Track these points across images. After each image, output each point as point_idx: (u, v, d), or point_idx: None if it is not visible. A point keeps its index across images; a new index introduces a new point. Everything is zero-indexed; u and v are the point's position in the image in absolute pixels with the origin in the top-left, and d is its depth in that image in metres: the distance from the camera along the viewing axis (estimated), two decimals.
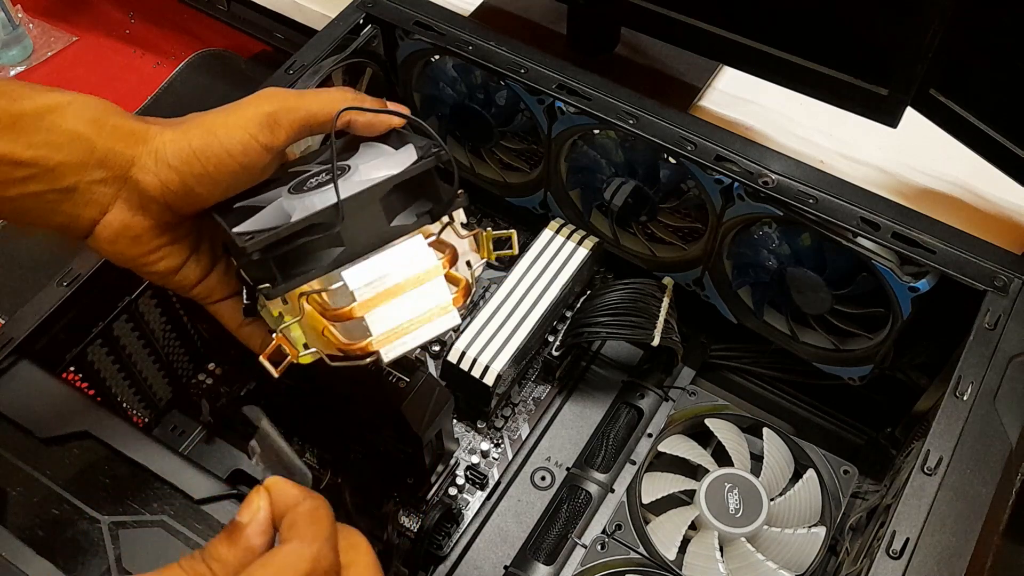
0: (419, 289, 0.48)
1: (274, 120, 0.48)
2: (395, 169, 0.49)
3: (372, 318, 0.47)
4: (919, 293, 0.60)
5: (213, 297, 0.53)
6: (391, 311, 0.47)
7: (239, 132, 0.47)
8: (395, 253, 0.48)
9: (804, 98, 0.72)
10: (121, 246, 0.48)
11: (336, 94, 0.51)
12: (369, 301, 0.47)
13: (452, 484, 0.69)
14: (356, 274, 0.47)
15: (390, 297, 0.47)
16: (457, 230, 0.51)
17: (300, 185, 0.49)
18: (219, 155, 0.46)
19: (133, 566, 0.50)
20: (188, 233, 0.51)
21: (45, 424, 0.55)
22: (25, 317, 0.59)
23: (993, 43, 0.64)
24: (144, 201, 0.47)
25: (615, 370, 0.77)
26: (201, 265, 0.52)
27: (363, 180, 0.48)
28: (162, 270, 0.50)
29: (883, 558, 0.49)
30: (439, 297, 0.48)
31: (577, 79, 0.69)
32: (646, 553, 0.63)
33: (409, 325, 0.48)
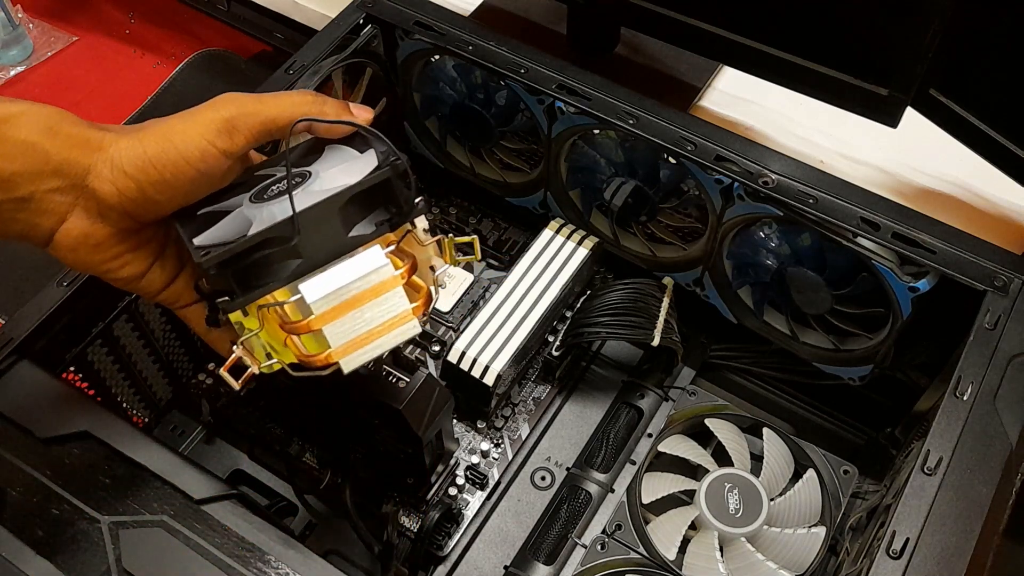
0: (378, 300, 0.47)
1: (232, 126, 0.47)
2: (354, 178, 0.48)
3: (330, 330, 0.47)
4: (919, 293, 0.60)
5: (181, 302, 0.53)
6: (350, 322, 0.47)
7: (196, 138, 0.46)
8: (353, 264, 0.47)
9: (804, 98, 0.72)
10: (82, 254, 0.48)
11: (296, 98, 0.50)
12: (327, 313, 0.46)
13: (452, 484, 0.70)
14: (313, 287, 0.47)
15: (349, 308, 0.47)
16: (419, 237, 0.51)
17: (262, 192, 0.48)
18: (176, 162, 0.46)
19: (133, 566, 0.50)
20: (151, 239, 0.50)
21: (45, 424, 0.55)
22: (25, 317, 0.59)
23: (993, 43, 0.64)
24: (102, 209, 0.47)
25: (615, 370, 0.77)
26: (166, 270, 0.51)
27: (322, 190, 0.48)
28: (126, 276, 0.50)
29: (883, 558, 0.49)
30: (399, 307, 0.48)
31: (577, 79, 0.69)
32: (646, 553, 0.63)
33: (369, 335, 0.47)
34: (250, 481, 0.71)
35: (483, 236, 0.84)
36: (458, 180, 0.84)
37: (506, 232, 0.85)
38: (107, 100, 1.12)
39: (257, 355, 0.49)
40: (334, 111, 0.51)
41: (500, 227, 0.85)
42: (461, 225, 0.85)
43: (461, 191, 0.86)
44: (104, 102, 1.12)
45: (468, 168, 0.82)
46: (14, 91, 1.13)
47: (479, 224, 0.85)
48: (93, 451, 0.54)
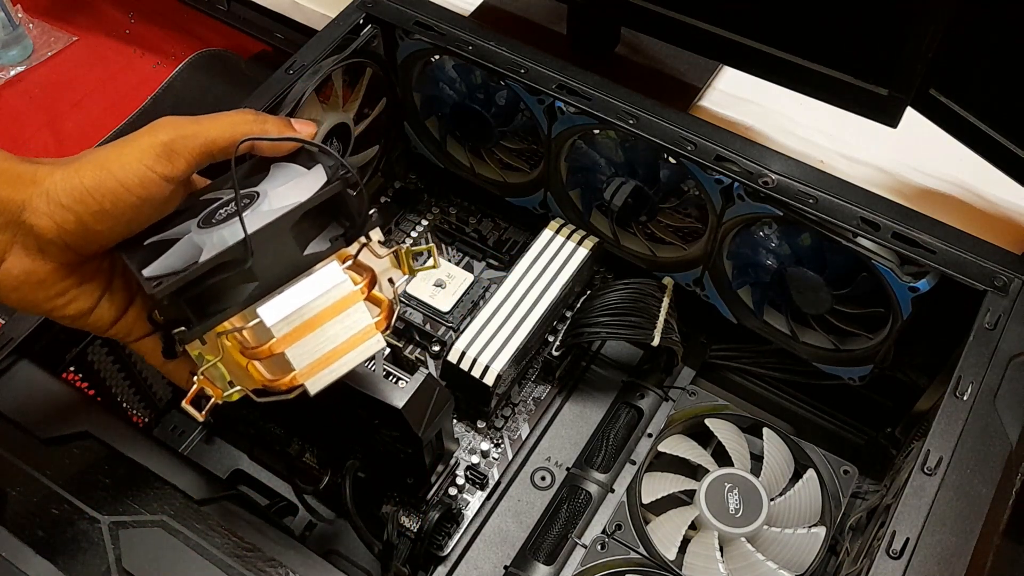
0: (339, 317, 0.46)
1: (171, 150, 0.46)
2: (304, 195, 0.47)
3: (293, 353, 0.46)
4: (919, 293, 0.60)
5: (133, 335, 0.51)
6: (312, 343, 0.46)
7: (135, 164, 0.45)
8: (311, 283, 0.46)
9: (804, 98, 0.72)
10: (25, 292, 0.46)
11: (236, 117, 0.49)
12: (289, 335, 0.45)
13: (452, 484, 0.70)
14: (272, 309, 0.45)
15: (310, 329, 0.46)
16: (374, 250, 0.50)
17: (209, 217, 0.47)
18: (114, 190, 0.45)
19: (133, 566, 0.50)
20: (96, 272, 0.49)
21: (45, 424, 0.55)
22: (25, 317, 0.59)
23: (993, 43, 0.64)
24: (42, 244, 0.45)
25: (615, 370, 0.77)
26: (115, 304, 0.50)
27: (272, 209, 0.46)
28: (73, 313, 0.48)
29: (883, 558, 0.49)
30: (361, 323, 0.47)
31: (577, 79, 0.69)
32: (646, 553, 0.63)
33: (333, 354, 0.46)
34: (250, 481, 0.71)
35: (483, 236, 0.84)
36: (458, 180, 0.84)
37: (506, 232, 0.85)
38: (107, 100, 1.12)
39: (219, 384, 0.48)
40: (276, 129, 0.50)
41: (500, 227, 0.85)
42: (461, 225, 0.85)
43: (461, 191, 0.86)
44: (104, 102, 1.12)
45: (468, 168, 0.82)
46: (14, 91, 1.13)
47: (479, 224, 0.85)
48: (93, 451, 0.54)
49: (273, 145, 0.50)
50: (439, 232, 0.84)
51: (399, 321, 0.77)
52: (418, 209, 0.86)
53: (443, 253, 0.83)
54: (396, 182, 0.87)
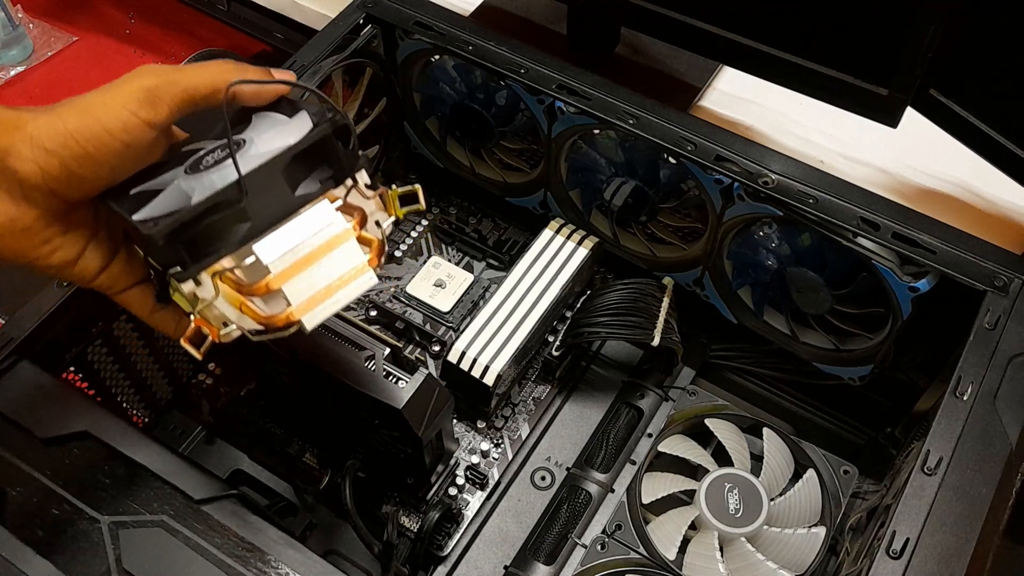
0: (332, 254, 0.48)
1: (154, 95, 0.46)
2: (292, 138, 0.48)
3: (290, 288, 0.47)
4: (919, 293, 0.60)
5: (118, 286, 0.51)
6: (307, 279, 0.47)
7: (118, 109, 0.45)
8: (304, 221, 0.48)
9: (804, 98, 0.72)
10: (10, 240, 0.46)
11: (218, 66, 0.49)
12: (284, 272, 0.46)
13: (452, 484, 0.70)
14: (268, 247, 0.47)
15: (305, 266, 0.47)
16: (362, 191, 0.51)
17: (196, 164, 0.48)
18: (98, 134, 0.45)
19: (133, 566, 0.50)
20: (82, 221, 0.49)
21: (45, 424, 0.55)
22: (25, 317, 0.59)
23: (993, 43, 0.64)
24: (26, 190, 0.45)
25: (615, 370, 0.77)
26: (100, 254, 0.50)
27: (261, 153, 0.47)
28: (58, 263, 0.48)
29: (883, 558, 0.49)
30: (354, 260, 0.48)
31: (577, 79, 0.69)
32: (646, 553, 0.63)
33: (327, 291, 0.47)
34: (250, 481, 0.71)
35: (483, 236, 0.84)
36: (458, 180, 0.84)
37: (506, 232, 0.85)
38: None
39: (214, 324, 0.49)
40: (257, 77, 0.50)
41: (500, 227, 0.85)
42: (461, 225, 0.85)
43: (461, 191, 0.86)
44: None
45: (468, 168, 0.82)
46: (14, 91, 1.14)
47: (479, 224, 0.85)
48: (93, 451, 0.54)
49: (256, 93, 0.50)
50: (439, 232, 0.84)
51: (399, 321, 0.77)
52: None
53: (443, 253, 0.83)
54: (396, 182, 0.87)
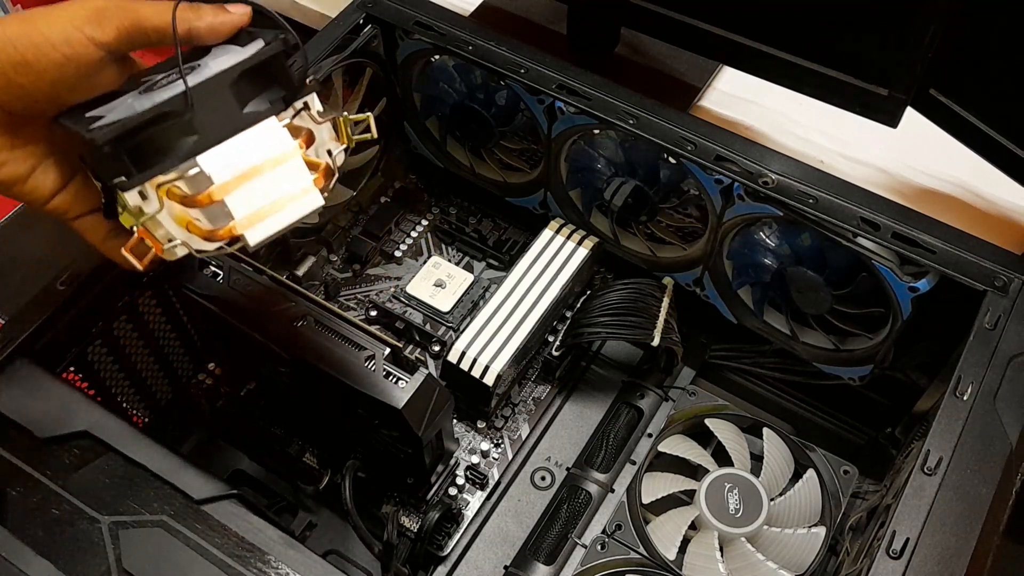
0: (277, 170, 0.48)
1: (102, 15, 0.46)
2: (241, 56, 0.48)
3: (232, 200, 0.47)
4: (919, 293, 0.60)
5: (72, 212, 0.51)
6: (251, 193, 0.47)
7: (62, 23, 0.45)
8: (250, 136, 0.48)
9: (804, 98, 0.72)
10: None
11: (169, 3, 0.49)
12: (228, 184, 0.47)
13: (452, 484, 0.70)
14: (211, 158, 0.47)
15: (248, 179, 0.47)
16: (314, 117, 0.51)
17: (150, 87, 0.48)
18: (38, 43, 0.45)
19: (133, 566, 0.50)
20: (33, 138, 0.49)
21: (45, 424, 0.55)
22: (25, 317, 0.59)
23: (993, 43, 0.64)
24: None
25: (615, 370, 0.77)
26: (53, 176, 0.50)
27: (211, 70, 0.48)
28: (6, 179, 0.48)
29: (883, 558, 0.49)
30: (300, 179, 0.49)
31: (577, 79, 0.69)
32: (646, 553, 0.63)
33: (272, 207, 0.48)
34: (250, 481, 0.71)
35: (483, 236, 0.84)
36: (458, 180, 0.84)
37: (506, 232, 0.85)
38: None
39: (160, 238, 0.49)
40: (211, 11, 0.50)
41: (500, 227, 0.85)
42: (461, 225, 0.85)
43: (461, 191, 0.86)
44: None
45: (468, 168, 0.82)
46: None
47: (479, 224, 0.85)
48: (93, 451, 0.54)
49: (210, 25, 0.49)
50: (439, 232, 0.84)
51: (399, 321, 0.77)
52: (418, 209, 0.86)
53: (443, 253, 0.83)
54: (396, 182, 0.87)
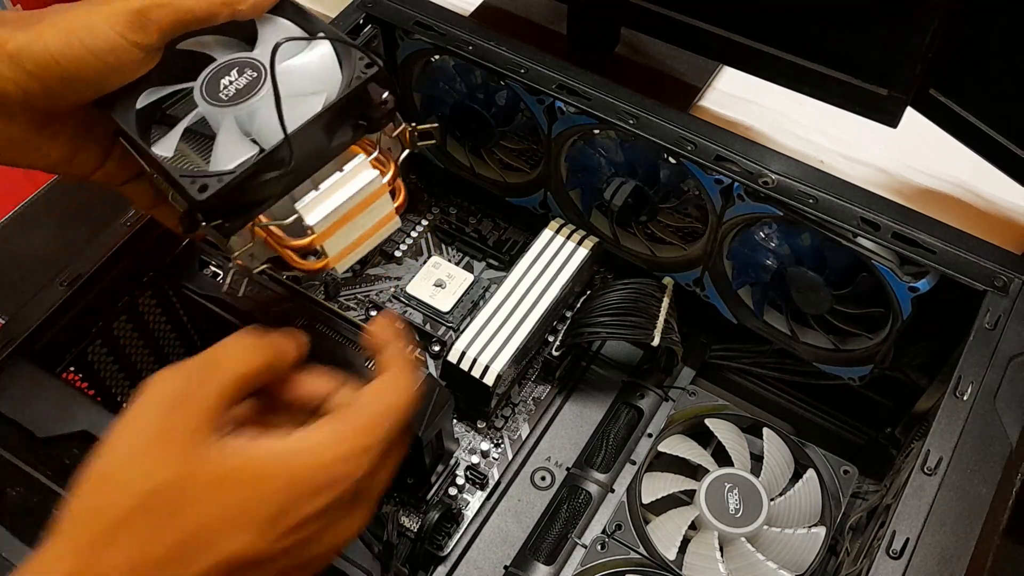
0: (369, 208, 0.49)
1: (144, 17, 0.44)
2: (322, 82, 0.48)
3: (329, 244, 0.48)
4: (919, 293, 0.60)
5: (116, 181, 0.51)
6: (345, 233, 0.49)
7: (104, 30, 0.43)
8: (346, 181, 0.48)
9: (804, 98, 0.72)
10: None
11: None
12: (326, 232, 0.48)
13: (452, 484, 0.70)
14: (314, 209, 0.47)
15: (345, 222, 0.48)
16: (388, 131, 0.52)
17: (214, 87, 0.46)
18: (82, 57, 0.43)
19: None
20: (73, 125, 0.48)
21: (45, 424, 0.55)
22: (25, 317, 0.59)
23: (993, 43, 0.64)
24: (9, 108, 0.44)
25: (615, 370, 0.77)
26: (93, 154, 0.49)
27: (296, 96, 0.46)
28: (50, 164, 0.48)
29: (883, 558, 0.49)
30: (385, 209, 0.50)
31: (577, 79, 0.69)
32: (646, 553, 0.63)
33: (361, 239, 0.50)
34: None
35: (483, 236, 0.84)
36: (458, 180, 0.84)
37: (506, 232, 0.85)
38: None
39: (246, 261, 0.50)
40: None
41: (500, 227, 0.85)
42: (461, 225, 0.85)
43: (461, 191, 0.86)
44: None
45: (468, 168, 0.82)
46: None
47: (479, 224, 0.85)
48: None
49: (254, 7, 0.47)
50: (439, 232, 0.84)
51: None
52: (418, 209, 0.86)
53: (443, 253, 0.83)
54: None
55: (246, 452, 0.39)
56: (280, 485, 0.38)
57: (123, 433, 0.38)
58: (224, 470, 0.38)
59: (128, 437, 0.38)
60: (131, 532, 0.35)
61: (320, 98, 0.47)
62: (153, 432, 0.38)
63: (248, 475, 0.38)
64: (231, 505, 0.37)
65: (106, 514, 0.35)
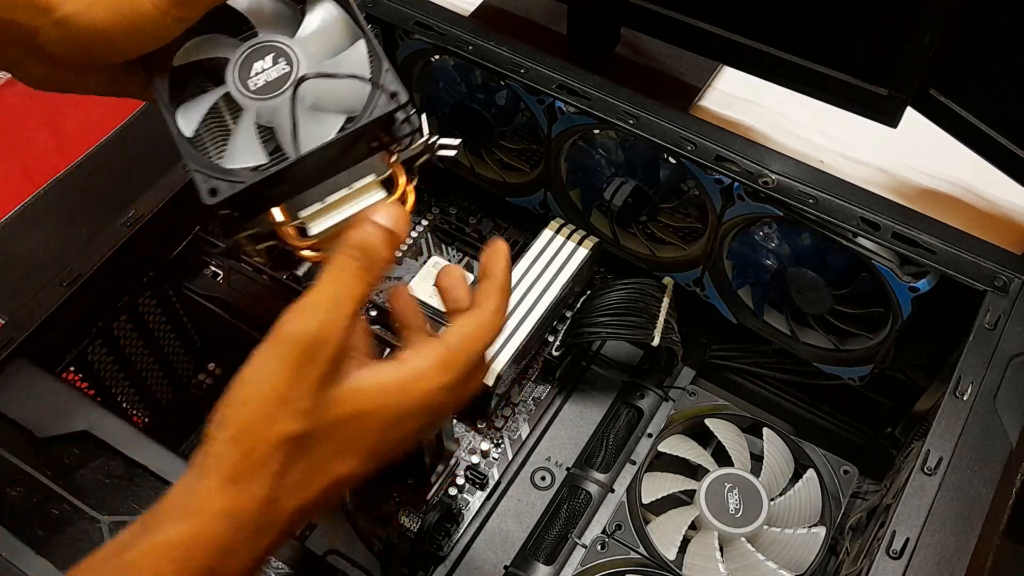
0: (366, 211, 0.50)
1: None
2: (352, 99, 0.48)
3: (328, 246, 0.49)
4: (919, 293, 0.60)
5: None
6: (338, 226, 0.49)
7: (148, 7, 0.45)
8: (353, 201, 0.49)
9: (804, 98, 0.72)
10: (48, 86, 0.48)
11: None
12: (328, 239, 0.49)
13: (452, 484, 0.70)
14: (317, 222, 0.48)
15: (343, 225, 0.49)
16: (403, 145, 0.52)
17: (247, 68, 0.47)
18: (128, 32, 0.45)
19: None
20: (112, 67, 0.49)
21: (45, 424, 0.55)
22: (25, 317, 0.59)
23: (993, 43, 0.64)
24: (53, 59, 0.46)
25: (615, 370, 0.77)
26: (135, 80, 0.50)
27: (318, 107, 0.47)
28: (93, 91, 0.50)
29: (883, 558, 0.49)
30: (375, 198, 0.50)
31: (577, 79, 0.69)
32: (646, 553, 0.63)
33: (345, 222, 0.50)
34: None
35: (483, 236, 0.84)
36: (458, 180, 0.84)
37: (506, 232, 0.85)
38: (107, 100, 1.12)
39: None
40: None
41: (500, 227, 0.85)
42: (461, 225, 0.85)
43: (461, 191, 0.86)
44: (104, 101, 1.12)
45: (468, 168, 0.82)
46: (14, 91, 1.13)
47: (479, 224, 0.85)
48: (93, 451, 0.54)
49: None
50: (439, 232, 0.84)
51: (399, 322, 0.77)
52: (418, 209, 0.86)
53: (443, 253, 0.83)
54: None
55: (360, 387, 0.44)
56: (388, 416, 0.44)
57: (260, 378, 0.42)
58: (344, 410, 0.43)
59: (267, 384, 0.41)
60: (267, 471, 0.41)
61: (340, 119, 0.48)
62: (287, 382, 0.41)
63: (362, 410, 0.43)
64: (348, 439, 0.43)
65: (248, 459, 0.40)
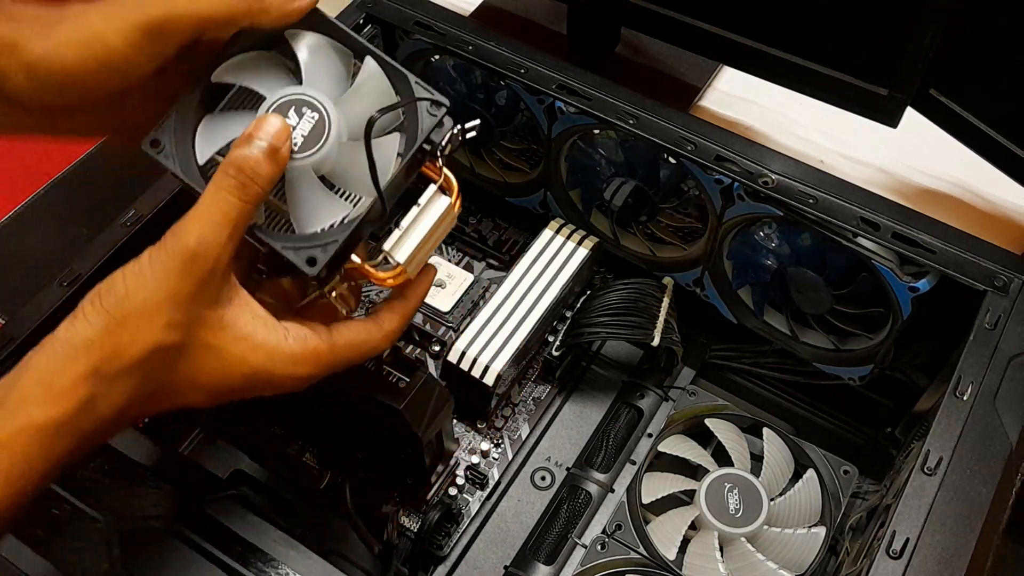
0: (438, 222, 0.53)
1: (163, 30, 0.43)
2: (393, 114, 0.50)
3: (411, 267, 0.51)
4: (919, 293, 0.60)
5: None
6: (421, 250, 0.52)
7: (121, 46, 0.43)
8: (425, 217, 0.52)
9: (804, 98, 0.72)
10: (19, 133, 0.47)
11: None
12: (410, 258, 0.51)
13: (452, 484, 0.70)
14: (401, 248, 0.51)
15: (425, 244, 0.52)
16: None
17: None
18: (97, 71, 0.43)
19: (133, 566, 0.50)
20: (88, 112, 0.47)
21: None
22: (25, 317, 0.59)
23: (993, 43, 0.64)
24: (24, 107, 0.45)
25: (615, 370, 0.77)
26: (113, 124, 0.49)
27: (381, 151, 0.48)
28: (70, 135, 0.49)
29: (883, 558, 0.49)
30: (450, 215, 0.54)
31: (577, 79, 0.69)
32: (646, 553, 0.63)
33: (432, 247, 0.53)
34: (250, 481, 0.71)
35: (483, 236, 0.84)
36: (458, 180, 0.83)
37: (506, 232, 0.85)
38: None
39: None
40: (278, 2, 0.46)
41: (500, 227, 0.85)
42: (461, 225, 0.85)
43: (461, 191, 0.86)
44: None
45: (468, 168, 0.82)
46: None
47: (479, 224, 0.85)
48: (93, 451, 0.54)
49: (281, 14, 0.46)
50: None
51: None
52: None
53: (443, 253, 0.83)
54: None
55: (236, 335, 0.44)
56: (247, 371, 0.45)
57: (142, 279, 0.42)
58: (215, 341, 0.44)
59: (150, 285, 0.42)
60: (133, 377, 0.42)
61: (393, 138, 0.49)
62: (165, 290, 0.41)
63: (231, 352, 0.44)
64: (208, 373, 0.44)
65: (119, 357, 0.41)
